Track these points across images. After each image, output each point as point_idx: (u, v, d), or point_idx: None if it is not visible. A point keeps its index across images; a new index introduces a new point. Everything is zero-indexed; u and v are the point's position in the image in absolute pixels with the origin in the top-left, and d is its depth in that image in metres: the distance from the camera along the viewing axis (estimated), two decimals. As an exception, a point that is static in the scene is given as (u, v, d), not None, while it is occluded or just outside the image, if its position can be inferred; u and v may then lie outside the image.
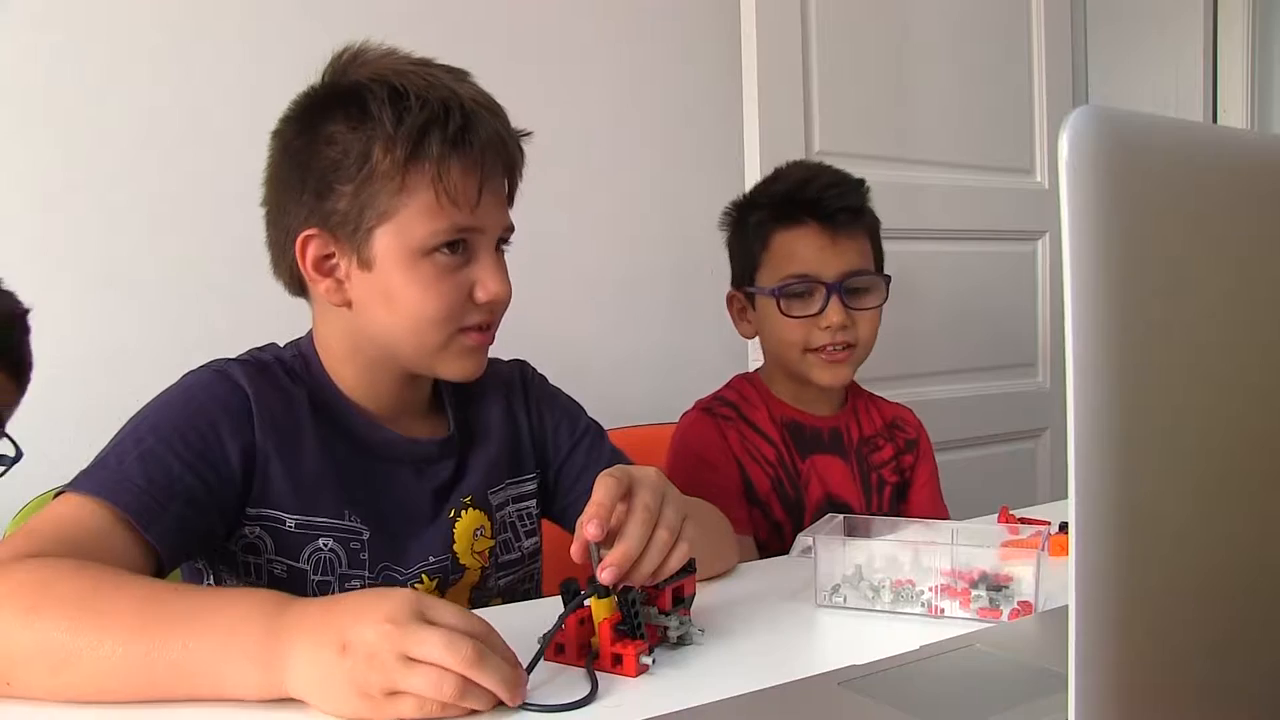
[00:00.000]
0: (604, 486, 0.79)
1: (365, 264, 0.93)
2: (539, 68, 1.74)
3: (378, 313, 0.95)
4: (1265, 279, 0.47)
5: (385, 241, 0.92)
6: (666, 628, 0.80)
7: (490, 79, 0.98)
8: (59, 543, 0.78)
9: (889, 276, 1.39)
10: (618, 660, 0.75)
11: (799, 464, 1.38)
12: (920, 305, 2.18)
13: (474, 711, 0.66)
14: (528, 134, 0.99)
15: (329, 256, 0.94)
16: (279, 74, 1.45)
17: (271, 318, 1.07)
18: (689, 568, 0.84)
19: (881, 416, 1.48)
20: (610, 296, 1.84)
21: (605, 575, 0.76)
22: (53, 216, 1.36)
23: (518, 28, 1.72)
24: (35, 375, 1.34)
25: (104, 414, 0.94)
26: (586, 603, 0.77)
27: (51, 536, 0.79)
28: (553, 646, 0.78)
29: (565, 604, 0.77)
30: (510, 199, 1.00)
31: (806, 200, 1.34)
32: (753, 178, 1.91)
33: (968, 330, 2.31)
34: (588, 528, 0.76)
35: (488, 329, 0.98)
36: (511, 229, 0.99)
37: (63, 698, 0.70)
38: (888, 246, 1.44)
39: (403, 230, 0.91)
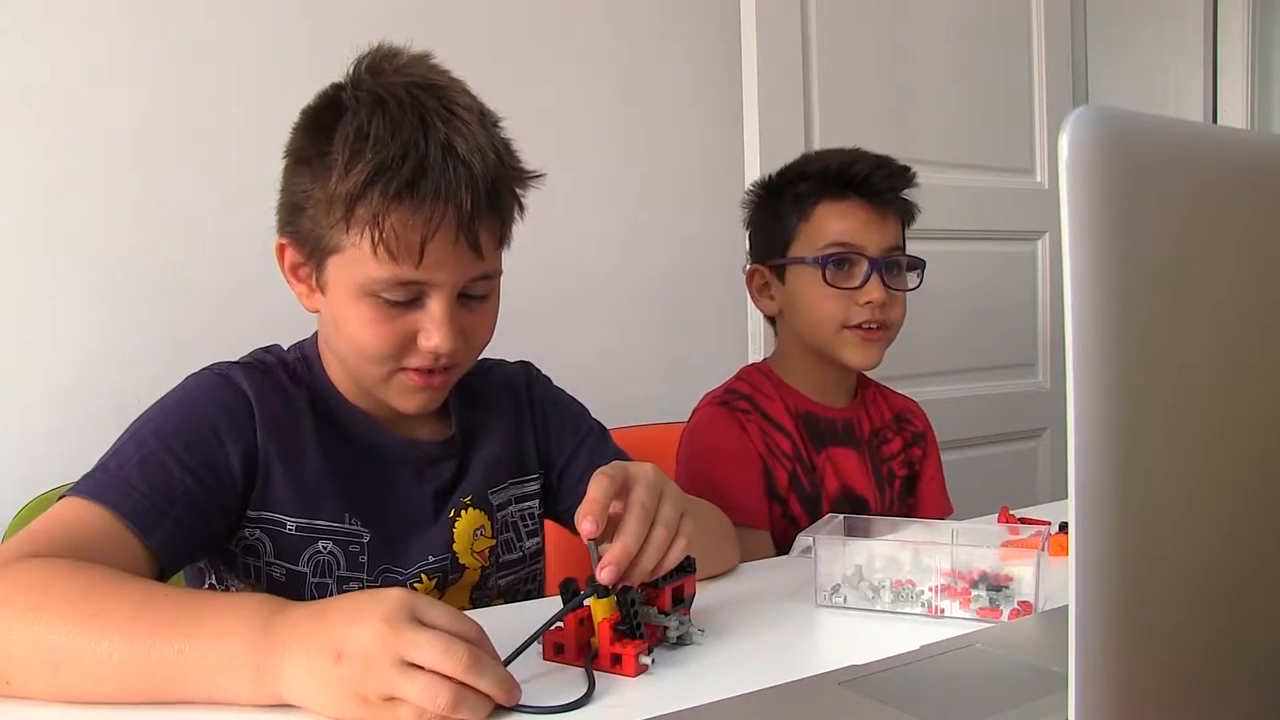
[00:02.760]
0: (598, 484, 0.79)
1: (321, 287, 0.93)
2: (539, 67, 1.74)
3: (332, 333, 0.96)
4: (1265, 279, 0.47)
5: (335, 272, 0.91)
6: (666, 628, 0.80)
7: (490, 79, 0.98)
8: (61, 544, 0.78)
9: (924, 260, 1.39)
10: (617, 660, 0.75)
11: (814, 457, 1.36)
12: (920, 305, 2.16)
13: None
14: (536, 175, 0.95)
15: (301, 265, 0.95)
16: (279, 75, 1.47)
17: (273, 319, 1.07)
18: (689, 567, 0.84)
19: (890, 408, 1.48)
20: (611, 296, 1.84)
21: (604, 574, 0.76)
22: (53, 217, 1.36)
23: (518, 28, 1.72)
24: (36, 378, 1.35)
25: (105, 416, 0.94)
26: (586, 603, 0.77)
27: (54, 538, 0.79)
28: (552, 646, 0.78)
29: (564, 604, 0.77)
30: (499, 244, 0.94)
31: (856, 176, 1.34)
32: (753, 177, 1.90)
33: (968, 330, 2.31)
34: (583, 524, 0.76)
35: (435, 373, 0.94)
36: (489, 274, 0.94)
37: (62, 698, 0.70)
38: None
39: (348, 267, 0.89)
